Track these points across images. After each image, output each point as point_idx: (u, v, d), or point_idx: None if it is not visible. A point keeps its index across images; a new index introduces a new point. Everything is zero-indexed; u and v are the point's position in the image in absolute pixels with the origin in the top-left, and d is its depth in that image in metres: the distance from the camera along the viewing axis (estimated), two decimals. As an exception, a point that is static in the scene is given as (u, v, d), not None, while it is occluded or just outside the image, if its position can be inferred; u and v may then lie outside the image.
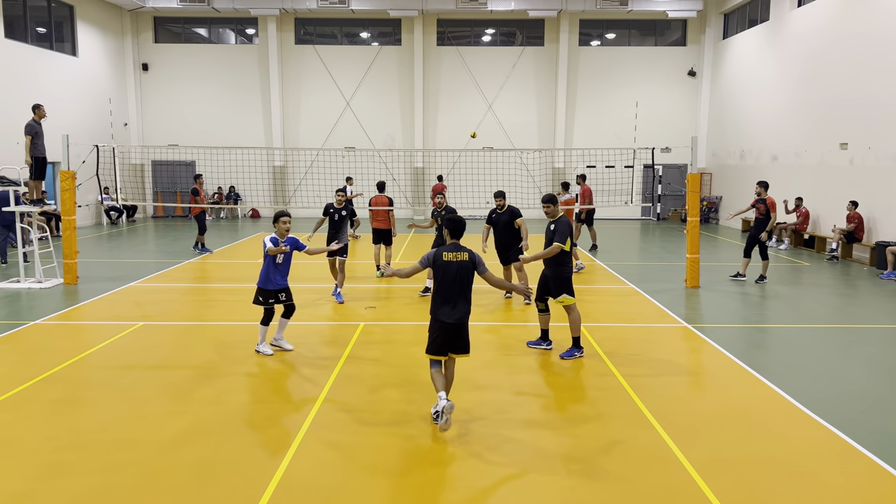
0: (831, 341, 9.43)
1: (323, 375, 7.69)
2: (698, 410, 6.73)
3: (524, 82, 27.76)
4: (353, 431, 6.18)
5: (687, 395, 7.21)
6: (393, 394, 7.18)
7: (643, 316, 10.76)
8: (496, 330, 9.89)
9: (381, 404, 6.86)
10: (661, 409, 6.73)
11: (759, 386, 7.43)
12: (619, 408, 6.80)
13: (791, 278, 14.70)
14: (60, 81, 22.76)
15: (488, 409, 6.77)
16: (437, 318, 6.28)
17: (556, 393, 7.28)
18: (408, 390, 7.27)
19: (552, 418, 6.53)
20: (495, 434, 6.14)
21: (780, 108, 21.27)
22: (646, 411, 6.65)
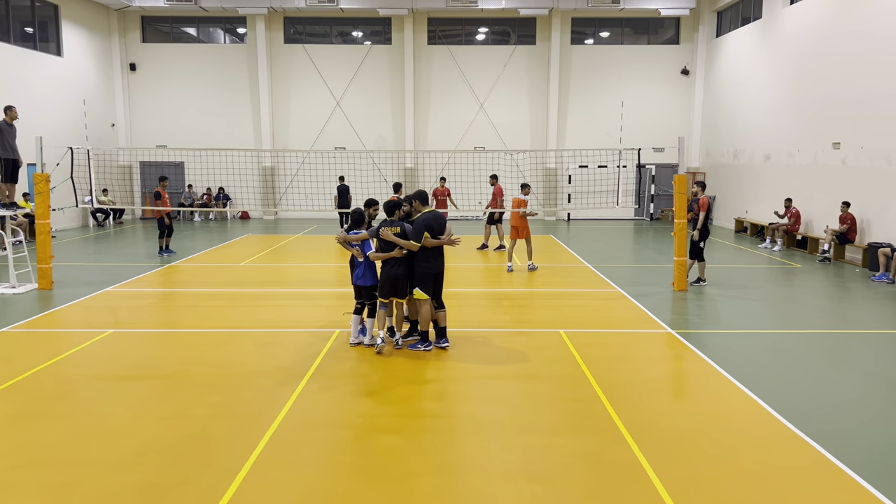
0: (819, 347, 9.17)
1: (289, 387, 7.43)
2: (677, 424, 6.47)
3: (516, 81, 27.50)
4: (313, 449, 5.92)
5: (666, 407, 6.96)
6: (359, 407, 6.92)
7: (626, 321, 10.51)
8: (471, 337, 9.63)
9: (346, 419, 6.61)
10: (638, 421, 6.48)
11: (741, 397, 7.18)
12: (592, 420, 6.55)
13: (781, 281, 14.45)
14: (45, 82, 22.49)
15: (456, 419, 6.52)
16: (383, 273, 8.69)
17: (527, 402, 7.02)
18: (375, 402, 7.02)
19: (521, 431, 6.28)
20: (460, 444, 5.89)
21: (773, 106, 21.02)
22: (620, 425, 6.39)
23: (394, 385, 7.53)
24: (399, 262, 8.62)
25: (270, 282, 14.02)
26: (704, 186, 13.37)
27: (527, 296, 12.69)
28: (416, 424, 6.46)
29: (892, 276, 13.84)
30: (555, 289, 13.30)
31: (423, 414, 6.75)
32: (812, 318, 11.00)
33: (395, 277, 8.60)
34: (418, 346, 8.85)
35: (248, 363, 8.34)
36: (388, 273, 8.65)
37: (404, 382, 7.62)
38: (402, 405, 6.95)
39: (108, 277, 13.93)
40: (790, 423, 6.45)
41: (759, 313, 11.21)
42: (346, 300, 12.07)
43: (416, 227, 8.52)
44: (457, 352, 8.78)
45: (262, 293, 12.84)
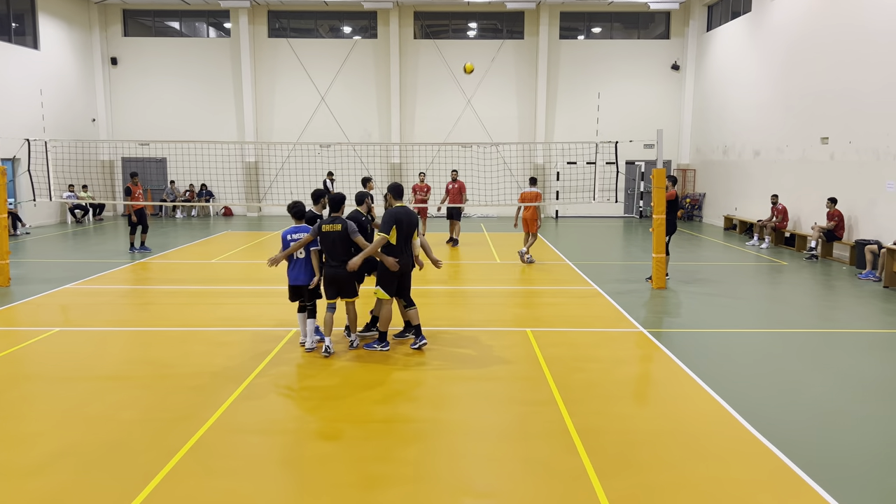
0: (797, 348, 8.77)
1: (228, 389, 7.01)
2: (633, 429, 6.06)
3: (504, 77, 27.08)
4: (237, 456, 5.51)
5: (624, 411, 6.54)
6: (298, 411, 6.51)
7: (597, 319, 10.10)
8: (434, 335, 9.22)
9: (282, 424, 6.20)
10: (592, 427, 6.07)
11: (706, 401, 6.77)
12: (545, 425, 6.14)
13: (765, 279, 14.06)
14: (21, 76, 22.06)
15: (402, 424, 6.11)
16: (326, 272, 8.20)
17: (480, 406, 6.61)
18: (317, 406, 6.61)
19: (469, 436, 5.87)
20: (400, 452, 5.48)
21: (763, 101, 20.62)
22: (573, 430, 5.99)
23: (341, 387, 7.12)
24: (341, 261, 8.04)
25: (237, 279, 13.61)
26: (675, 181, 13.01)
27: (499, 293, 12.29)
28: (357, 431, 6.05)
29: (878, 273, 13.44)
30: (529, 286, 12.90)
31: (368, 419, 6.33)
32: (793, 316, 10.60)
33: (337, 277, 8.07)
34: (374, 345, 8.42)
35: (193, 363, 7.93)
36: (329, 273, 8.13)
37: (353, 385, 7.21)
38: (345, 409, 6.54)
39: (71, 274, 13.51)
40: (754, 428, 6.04)
41: (738, 312, 10.81)
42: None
43: (384, 220, 8.05)
44: (414, 352, 8.38)
45: (226, 290, 12.42)
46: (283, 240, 8.31)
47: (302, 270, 8.28)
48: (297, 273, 8.31)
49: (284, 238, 8.29)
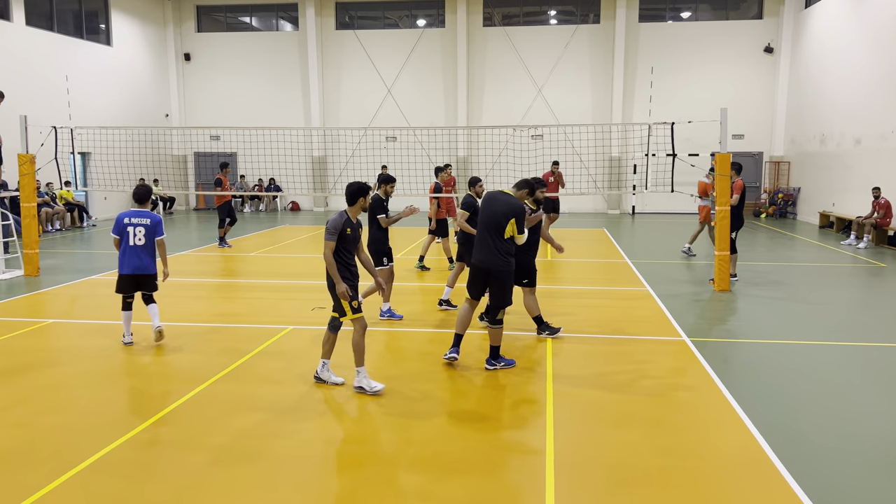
0: (874, 367, 7.14)
1: (179, 393, 6.22)
2: (622, 464, 4.81)
3: (578, 63, 25.52)
4: (141, 475, 4.66)
5: (627, 442, 5.26)
6: (243, 423, 5.61)
7: (635, 325, 8.72)
8: (441, 339, 8.14)
9: (210, 438, 5.31)
10: (575, 461, 4.85)
11: (737, 430, 5.39)
12: (512, 454, 4.97)
13: (854, 282, 12.14)
14: (93, 72, 22.52)
15: (338, 446, 5.11)
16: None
17: (446, 427, 5.51)
18: (261, 419, 5.70)
19: (413, 467, 4.79)
20: (309, 480, 4.49)
21: (866, 84, 18.23)
22: (550, 459, 4.79)
23: (312, 395, 6.20)
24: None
25: (264, 273, 13.00)
26: (740, 168, 11.33)
27: (540, 293, 11.04)
28: (276, 447, 5.10)
29: None
30: (571, 286, 11.59)
31: (280, 434, 5.36)
32: (878, 328, 8.84)
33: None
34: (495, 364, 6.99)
35: (158, 362, 7.23)
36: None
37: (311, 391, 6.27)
38: (292, 422, 5.60)
39: (105, 265, 13.29)
40: (789, 471, 4.65)
41: (809, 320, 9.16)
42: (319, 293, 10.89)
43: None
44: (406, 359, 7.36)
45: (246, 284, 11.82)
46: (118, 223, 7.65)
47: (145, 257, 7.66)
48: (138, 261, 7.63)
49: (121, 221, 7.65)
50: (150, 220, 7.78)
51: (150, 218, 7.77)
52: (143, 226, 7.70)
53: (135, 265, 7.64)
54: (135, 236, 7.65)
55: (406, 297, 10.36)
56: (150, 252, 7.73)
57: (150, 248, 7.72)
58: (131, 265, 7.65)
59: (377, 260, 8.60)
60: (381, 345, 7.94)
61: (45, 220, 19.30)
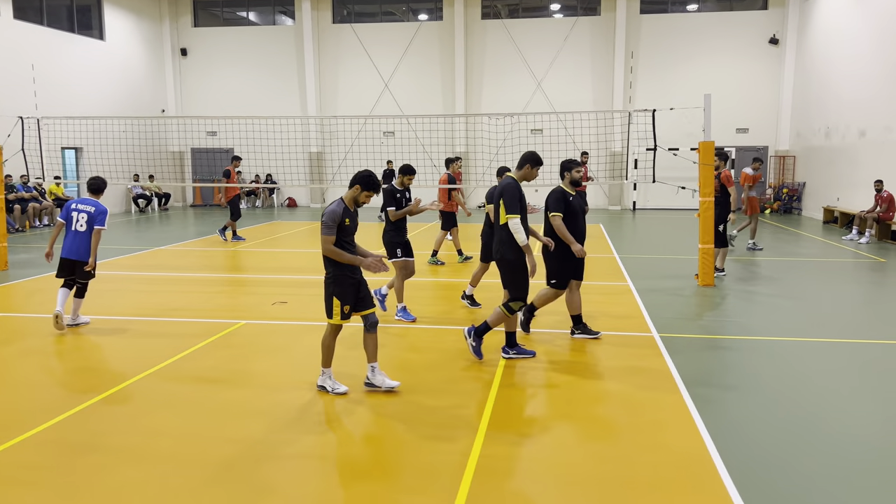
0: (848, 366, 6.64)
1: (95, 391, 5.87)
2: (554, 470, 4.38)
3: (578, 56, 25.00)
4: (23, 478, 4.30)
5: (559, 444, 4.83)
6: (154, 424, 5.24)
7: (606, 320, 8.25)
8: (391, 332, 7.73)
9: (112, 438, 4.94)
10: (493, 467, 4.43)
11: (689, 437, 4.93)
12: (431, 450, 4.56)
13: (847, 278, 11.58)
14: (84, 66, 22.33)
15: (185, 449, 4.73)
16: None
17: (352, 429, 5.11)
18: (178, 422, 5.32)
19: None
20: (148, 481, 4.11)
21: (870, 73, 17.60)
22: (470, 467, 4.37)
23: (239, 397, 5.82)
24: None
25: (237, 267, 12.68)
26: (727, 158, 10.86)
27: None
28: (183, 449, 4.72)
29: None
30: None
31: (160, 432, 4.99)
32: (861, 325, 8.32)
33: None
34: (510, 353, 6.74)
35: (87, 357, 6.89)
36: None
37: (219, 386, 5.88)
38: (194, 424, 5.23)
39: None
40: (733, 484, 4.20)
41: (791, 316, 8.66)
42: (288, 288, 10.53)
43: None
44: (418, 362, 6.96)
45: (211, 278, 11.48)
46: (65, 208, 7.84)
47: (83, 243, 7.71)
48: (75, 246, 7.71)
49: (68, 206, 7.84)
50: (95, 208, 7.80)
51: (94, 206, 7.81)
52: (87, 213, 7.77)
53: (70, 249, 7.72)
54: (77, 222, 7.76)
55: (425, 293, 9.97)
56: (88, 240, 7.72)
57: (88, 237, 7.73)
58: (68, 249, 7.75)
59: (390, 252, 8.16)
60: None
61: (33, 216, 19.12)
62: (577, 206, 7.08)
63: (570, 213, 7.01)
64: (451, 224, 12.59)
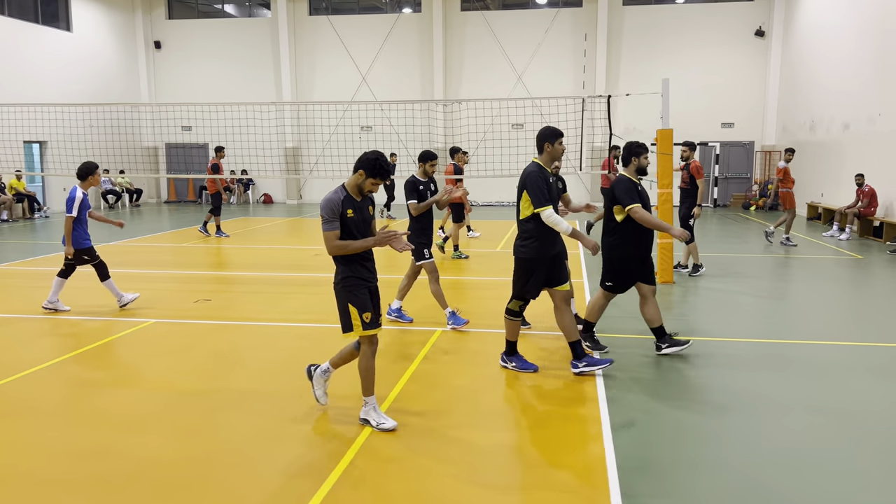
0: (800, 364, 6.04)
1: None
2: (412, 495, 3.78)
3: (559, 49, 24.39)
4: None
5: (458, 451, 4.24)
6: (17, 434, 4.65)
7: (543, 319, 7.66)
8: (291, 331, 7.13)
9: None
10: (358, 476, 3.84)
11: (591, 447, 4.34)
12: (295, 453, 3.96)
13: (819, 275, 10.96)
14: (50, 58, 21.74)
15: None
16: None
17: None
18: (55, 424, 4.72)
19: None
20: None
21: (854, 63, 16.98)
22: (335, 477, 3.78)
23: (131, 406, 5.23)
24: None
25: (179, 263, 12.10)
26: (695, 147, 10.28)
27: (460, 285, 10.02)
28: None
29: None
30: (502, 277, 10.53)
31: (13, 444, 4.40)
32: (818, 322, 7.72)
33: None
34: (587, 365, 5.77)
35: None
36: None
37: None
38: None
39: (21, 255, 12.45)
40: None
41: (748, 314, 8.08)
42: (224, 284, 9.94)
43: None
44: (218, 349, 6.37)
45: (146, 274, 10.88)
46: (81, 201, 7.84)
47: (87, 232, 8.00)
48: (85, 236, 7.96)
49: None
50: (70, 195, 7.83)
51: (71, 193, 7.83)
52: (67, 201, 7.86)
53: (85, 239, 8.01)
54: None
55: (466, 292, 9.39)
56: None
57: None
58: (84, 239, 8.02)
59: (418, 254, 7.22)
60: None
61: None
62: (645, 195, 6.20)
63: (642, 204, 6.09)
64: (458, 218, 12.37)
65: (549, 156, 5.66)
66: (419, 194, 7.26)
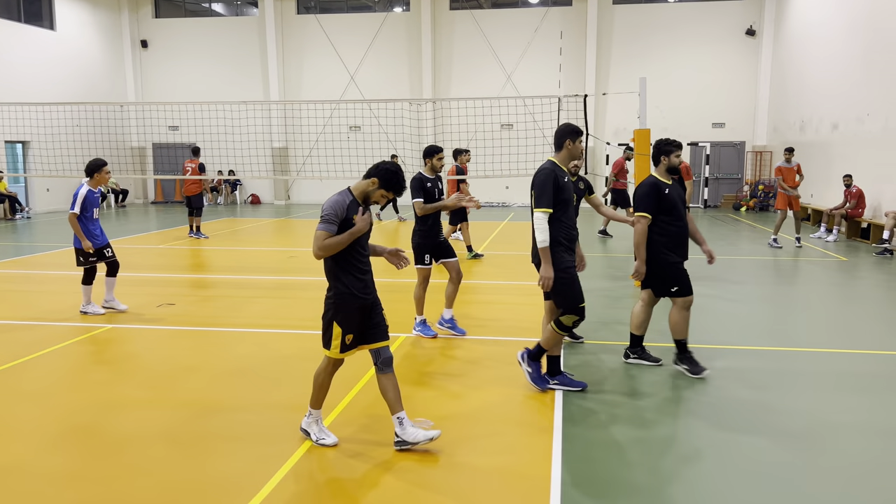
0: (771, 372, 5.83)
1: None
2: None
3: (549, 48, 24.15)
4: None
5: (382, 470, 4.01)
6: None
7: (509, 324, 7.44)
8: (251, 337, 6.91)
9: None
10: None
11: (537, 465, 4.12)
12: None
13: (802, 278, 10.75)
14: (33, 58, 21.50)
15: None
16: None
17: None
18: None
19: None
20: None
21: (843, 65, 16.76)
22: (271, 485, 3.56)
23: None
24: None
25: (152, 266, 11.87)
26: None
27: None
28: None
29: (964, 274, 9.86)
30: (477, 280, 10.32)
31: None
32: (795, 328, 7.50)
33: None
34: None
35: None
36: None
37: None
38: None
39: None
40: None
41: (721, 320, 7.84)
42: (195, 289, 9.71)
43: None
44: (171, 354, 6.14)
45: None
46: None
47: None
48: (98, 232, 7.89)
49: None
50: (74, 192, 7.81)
51: (76, 190, 7.78)
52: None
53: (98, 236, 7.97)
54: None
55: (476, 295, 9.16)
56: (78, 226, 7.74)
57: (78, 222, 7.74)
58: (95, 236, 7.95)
59: (417, 257, 6.78)
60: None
61: (-28, 212, 18.39)
62: (675, 197, 5.71)
63: (668, 206, 5.65)
64: (461, 219, 12.12)
65: (568, 154, 5.22)
66: (426, 192, 6.72)
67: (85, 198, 7.67)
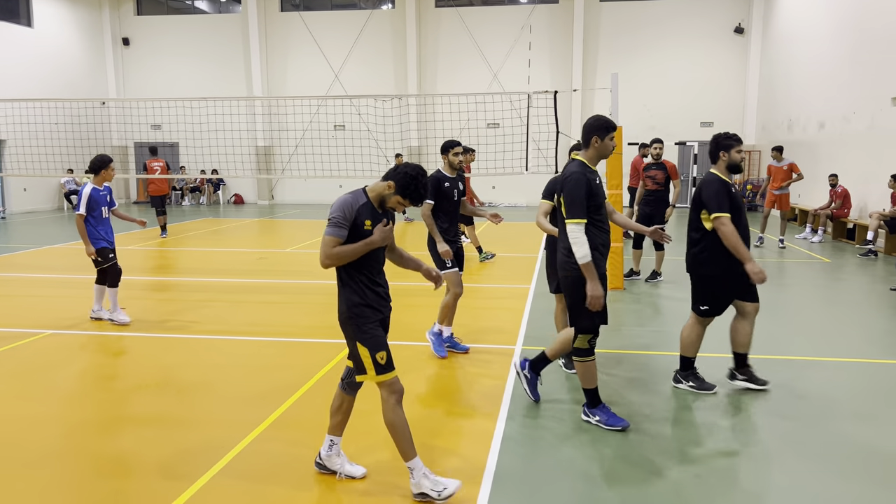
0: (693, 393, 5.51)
1: None
2: None
3: (536, 47, 23.84)
4: None
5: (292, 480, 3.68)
6: None
7: (477, 329, 7.10)
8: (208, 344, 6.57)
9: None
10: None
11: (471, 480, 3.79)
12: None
13: (784, 280, 10.43)
14: (9, 55, 21.11)
15: None
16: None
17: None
18: None
19: None
20: None
21: (830, 60, 16.48)
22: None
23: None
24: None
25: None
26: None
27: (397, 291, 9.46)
28: None
29: (949, 276, 9.58)
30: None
31: None
32: (772, 333, 7.19)
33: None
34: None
35: None
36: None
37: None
38: None
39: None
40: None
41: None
42: (154, 291, 9.36)
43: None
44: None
45: (70, 280, 10.30)
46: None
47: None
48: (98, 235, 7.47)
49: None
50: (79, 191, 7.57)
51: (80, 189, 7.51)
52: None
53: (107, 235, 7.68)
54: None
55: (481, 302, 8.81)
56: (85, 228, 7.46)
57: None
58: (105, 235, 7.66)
59: (439, 262, 6.13)
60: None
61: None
62: (740, 201, 5.22)
63: (734, 210, 5.10)
64: (467, 222, 11.86)
65: (596, 152, 4.58)
66: (443, 194, 6.02)
67: (90, 197, 7.27)
